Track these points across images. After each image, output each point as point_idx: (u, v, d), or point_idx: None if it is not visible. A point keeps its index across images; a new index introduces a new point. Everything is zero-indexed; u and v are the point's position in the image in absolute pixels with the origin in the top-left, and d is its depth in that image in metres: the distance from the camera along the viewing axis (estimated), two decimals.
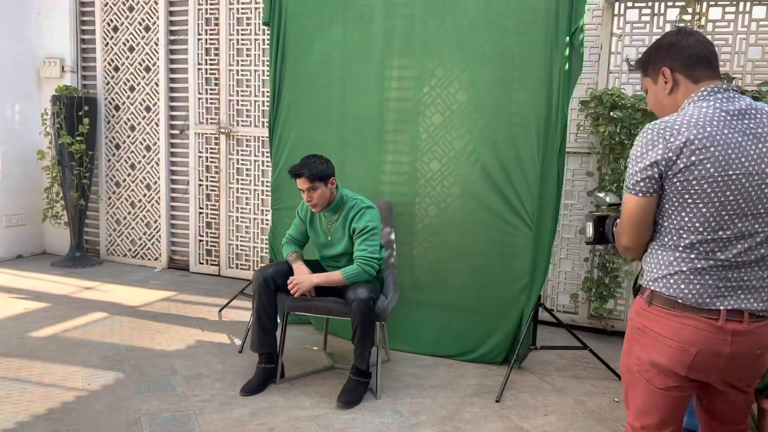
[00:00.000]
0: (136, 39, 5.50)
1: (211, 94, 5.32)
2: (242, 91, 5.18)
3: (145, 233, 5.68)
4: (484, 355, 3.62)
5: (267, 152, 5.01)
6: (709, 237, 1.61)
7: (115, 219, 5.79)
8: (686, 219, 1.62)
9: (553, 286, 4.34)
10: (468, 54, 3.60)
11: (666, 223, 1.66)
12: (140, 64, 5.52)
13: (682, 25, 3.74)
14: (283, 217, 4.09)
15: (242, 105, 5.20)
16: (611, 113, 3.88)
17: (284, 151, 4.05)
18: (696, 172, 1.57)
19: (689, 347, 1.64)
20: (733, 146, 1.58)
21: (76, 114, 5.35)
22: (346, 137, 3.91)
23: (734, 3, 3.80)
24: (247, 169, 5.23)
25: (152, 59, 5.46)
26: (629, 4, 4.01)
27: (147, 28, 5.45)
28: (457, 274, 3.69)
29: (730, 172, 1.57)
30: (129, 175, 5.68)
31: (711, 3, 3.82)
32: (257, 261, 5.27)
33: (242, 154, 5.23)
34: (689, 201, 1.60)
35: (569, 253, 4.29)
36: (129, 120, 5.62)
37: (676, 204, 1.62)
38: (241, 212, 5.29)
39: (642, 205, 1.66)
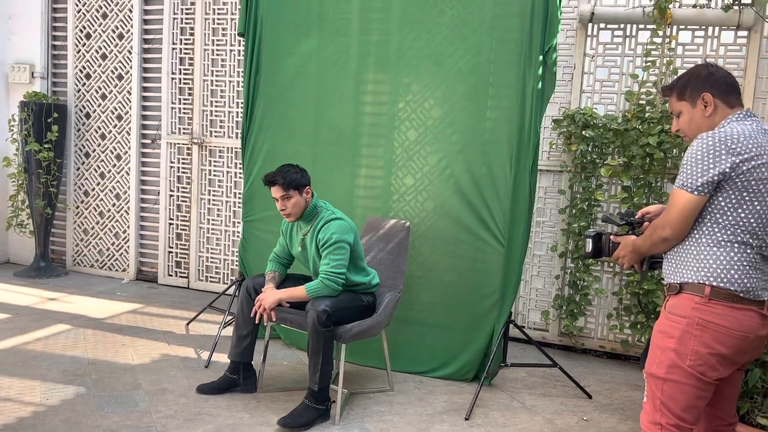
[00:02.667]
0: (109, 46, 5.43)
1: (184, 104, 5.26)
2: (216, 101, 5.13)
3: (113, 244, 5.57)
4: (455, 372, 3.59)
5: (240, 163, 4.96)
6: (760, 232, 1.86)
7: (83, 229, 5.67)
8: (743, 215, 1.85)
9: (525, 302, 4.34)
10: (443, 70, 3.61)
11: (722, 219, 1.87)
12: (113, 72, 5.44)
13: (709, 60, 3.80)
14: (255, 230, 4.04)
15: (216, 115, 5.15)
16: (583, 132, 3.92)
17: (257, 163, 4.01)
18: (756, 173, 1.83)
19: (748, 334, 1.87)
20: None
21: (44, 121, 5.24)
22: (320, 150, 3.89)
23: (703, 27, 3.88)
24: (219, 180, 5.17)
25: (125, 67, 5.38)
26: (602, 25, 4.07)
27: (120, 36, 5.38)
28: (429, 289, 3.67)
29: None
30: (98, 184, 5.57)
31: (681, 27, 3.89)
32: (227, 273, 5.20)
33: (215, 165, 5.17)
34: (747, 198, 1.84)
35: (540, 270, 4.30)
36: (100, 128, 5.53)
37: (734, 201, 1.85)
38: (212, 224, 5.22)
39: (699, 203, 1.87)
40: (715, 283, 1.86)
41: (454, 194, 3.60)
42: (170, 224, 5.38)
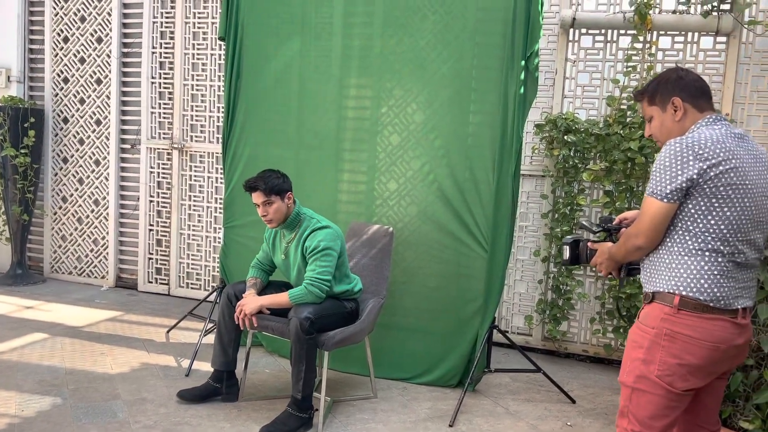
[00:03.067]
0: (88, 50, 5.35)
1: (164, 108, 5.20)
2: (197, 106, 5.08)
3: (92, 250, 5.49)
4: (438, 379, 3.57)
5: (221, 168, 4.90)
6: (731, 239, 1.83)
7: (61, 235, 5.58)
8: (712, 222, 1.82)
9: (508, 307, 4.34)
10: (426, 75, 3.60)
11: (692, 227, 1.84)
12: (91, 77, 5.36)
13: (677, 65, 3.83)
14: (236, 236, 3.99)
15: (196, 120, 5.10)
16: (565, 137, 3.93)
17: (238, 168, 3.96)
18: (724, 179, 1.80)
19: (720, 344, 1.84)
20: (745, 160, 1.85)
21: (21, 126, 5.15)
22: (302, 155, 3.86)
23: (683, 33, 3.91)
24: (200, 186, 5.11)
25: (104, 71, 5.31)
26: (583, 30, 4.08)
27: (99, 40, 5.31)
28: (412, 295, 3.65)
29: (747, 182, 1.83)
30: (77, 190, 5.48)
31: (661, 33, 3.92)
32: (208, 280, 5.14)
33: (195, 170, 5.11)
34: (716, 205, 1.81)
35: (524, 275, 4.30)
36: (78, 133, 5.44)
37: (703, 208, 1.82)
38: (193, 230, 5.16)
39: (669, 210, 1.84)
40: (684, 293, 1.84)
41: (437, 199, 3.59)
42: (150, 230, 5.31)
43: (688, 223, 1.84)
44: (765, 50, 3.81)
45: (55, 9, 5.41)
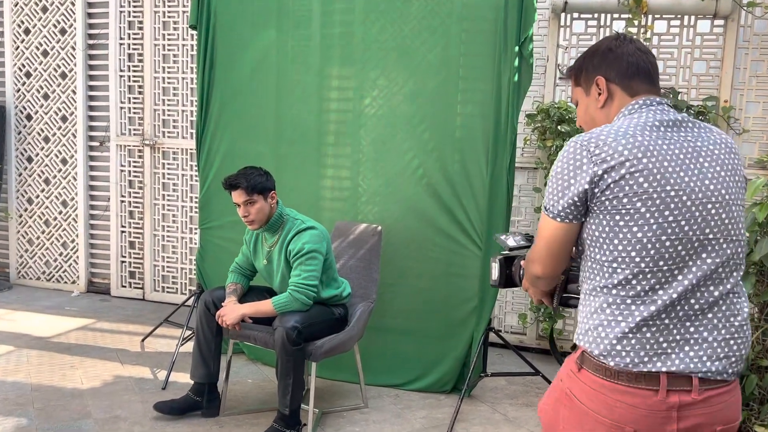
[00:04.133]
0: (51, 43, 5.05)
1: (134, 103, 4.92)
2: (169, 100, 4.81)
3: (61, 254, 5.20)
4: (432, 384, 3.38)
5: (195, 166, 4.66)
6: (647, 269, 1.29)
7: (27, 239, 5.28)
8: (620, 248, 1.30)
9: (501, 306, 4.16)
10: (411, 64, 3.39)
11: (599, 256, 1.34)
12: (55, 70, 5.06)
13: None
14: (213, 237, 3.76)
15: (169, 115, 4.83)
16: (558, 127, 3.75)
17: (213, 165, 3.73)
18: (627, 188, 1.29)
19: (624, 426, 1.31)
20: (669, 158, 1.32)
21: None
22: (282, 151, 3.63)
23: (679, 17, 3.75)
24: (174, 184, 4.85)
25: (69, 65, 5.01)
26: (575, 15, 3.91)
27: (63, 31, 5.01)
28: (402, 296, 3.45)
29: (668, 188, 1.30)
30: (43, 190, 5.19)
31: (656, 16, 3.76)
32: (185, 283, 4.89)
33: (169, 168, 4.85)
34: (621, 224, 1.30)
35: None
36: (43, 131, 5.14)
37: (607, 229, 1.32)
38: (168, 230, 4.90)
39: (567, 231, 1.37)
40: (585, 346, 1.36)
41: (426, 195, 3.39)
42: (122, 232, 5.04)
43: (595, 250, 1.35)
44: (764, 33, 3.67)
45: None
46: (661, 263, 1.30)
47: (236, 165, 3.57)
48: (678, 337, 1.31)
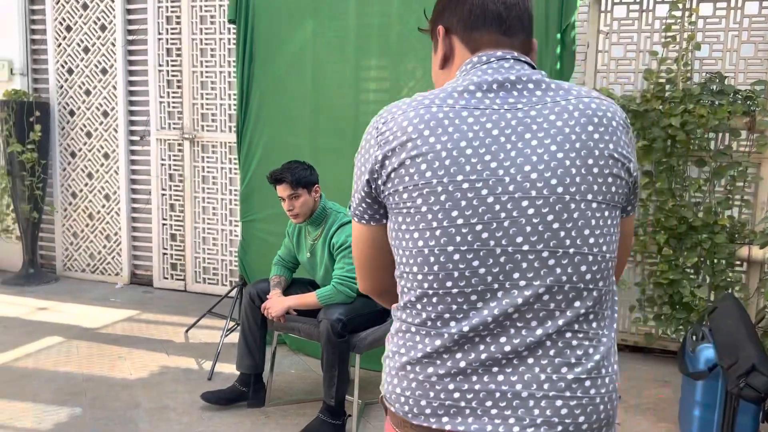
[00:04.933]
0: (92, 39, 5.14)
1: (173, 97, 4.99)
2: (207, 93, 4.87)
3: (104, 247, 5.32)
4: None
5: (234, 159, 4.71)
6: (431, 291, 0.94)
7: (72, 232, 5.41)
8: (404, 260, 0.98)
9: None
10: None
11: (397, 271, 1.02)
12: (96, 66, 5.15)
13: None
14: (255, 230, 3.80)
15: (207, 109, 4.89)
16: None
17: (254, 158, 3.76)
18: (407, 178, 0.94)
19: None
20: (472, 136, 0.93)
21: (26, 120, 4.96)
22: (320, 142, 3.65)
23: None
24: (213, 177, 4.92)
25: (109, 61, 5.10)
26: (616, 0, 3.82)
27: (103, 28, 5.09)
28: None
29: (459, 178, 0.91)
30: (86, 185, 5.31)
31: None
32: (226, 275, 4.96)
33: (208, 161, 4.91)
34: (403, 228, 0.97)
35: None
36: (85, 126, 5.25)
37: (393, 235, 1.00)
38: (208, 223, 4.97)
39: (366, 234, 1.07)
40: (382, 392, 1.06)
41: None
42: (164, 224, 5.13)
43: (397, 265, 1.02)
44: None
45: None
46: (449, 284, 0.92)
47: (276, 158, 3.60)
48: (477, 388, 0.92)
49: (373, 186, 1.00)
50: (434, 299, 0.94)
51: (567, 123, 0.93)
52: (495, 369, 0.92)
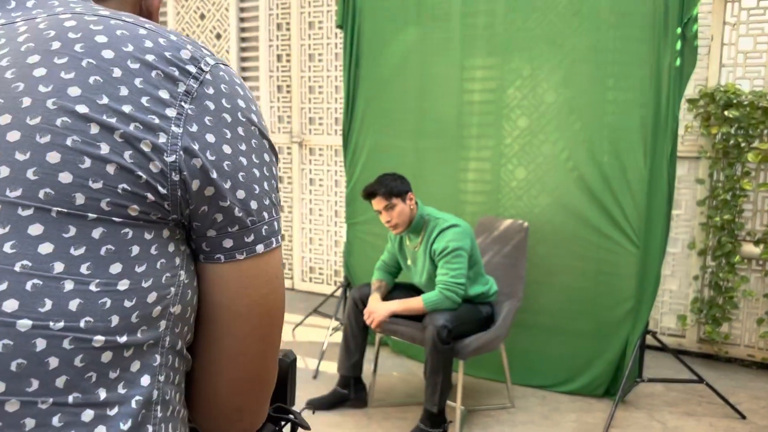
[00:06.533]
0: (208, 47, 5.40)
1: (283, 102, 5.16)
2: (315, 98, 4.99)
3: None
4: (583, 387, 3.24)
5: (340, 161, 4.80)
6: None
7: None
8: None
9: (657, 306, 3.89)
10: (558, 51, 3.24)
11: None
12: None
13: None
14: (359, 233, 3.85)
15: (314, 113, 5.01)
16: (725, 112, 3.42)
17: (359, 161, 3.81)
18: None
19: None
20: None
21: None
22: (423, 145, 3.63)
23: None
24: (320, 180, 5.04)
25: None
26: None
27: (218, 36, 5.35)
28: (550, 295, 3.33)
29: None
30: None
31: None
32: (331, 275, 5.06)
33: (315, 164, 5.04)
34: None
35: (675, 270, 3.83)
36: None
37: None
38: (315, 224, 5.10)
39: None
40: None
41: (576, 188, 3.23)
42: None
43: None
44: None
45: (176, 8, 5.51)
46: None
47: (381, 161, 3.64)
48: None
49: None
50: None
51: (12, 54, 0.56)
52: None
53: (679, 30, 2.88)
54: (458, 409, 2.82)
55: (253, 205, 0.61)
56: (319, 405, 3.06)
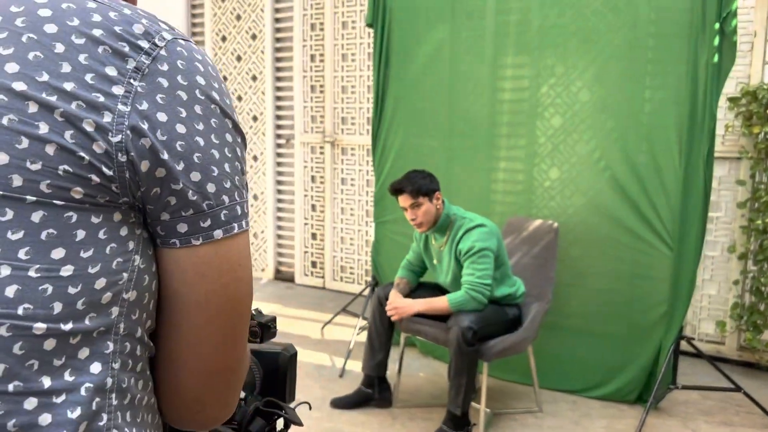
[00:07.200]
0: (243, 48, 5.47)
1: (316, 102, 5.18)
2: (347, 98, 4.99)
3: (252, 243, 5.64)
4: (614, 393, 3.15)
5: (371, 161, 4.79)
6: None
7: None
8: None
9: (695, 311, 3.77)
10: (593, 48, 3.17)
11: None
12: (247, 74, 5.48)
13: None
14: (387, 232, 3.83)
15: (347, 112, 5.02)
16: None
17: (388, 160, 3.79)
18: None
19: None
20: None
21: None
22: (454, 144, 3.60)
23: None
24: (351, 179, 5.04)
25: (259, 68, 5.40)
26: None
27: (254, 37, 5.41)
28: (580, 298, 3.25)
29: None
30: None
31: None
32: (361, 274, 5.06)
33: (346, 164, 5.04)
34: None
35: (714, 274, 3.70)
36: None
37: None
38: (346, 223, 5.11)
39: None
40: None
41: (609, 188, 3.15)
42: (305, 224, 5.34)
43: None
44: None
45: (213, 9, 5.59)
46: None
47: (409, 160, 3.61)
48: None
49: None
50: None
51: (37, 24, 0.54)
52: None
53: (717, 25, 2.78)
54: (483, 412, 2.77)
55: (210, 188, 0.58)
56: (343, 404, 3.06)
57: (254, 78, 5.45)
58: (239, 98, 5.55)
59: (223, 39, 5.58)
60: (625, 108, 3.10)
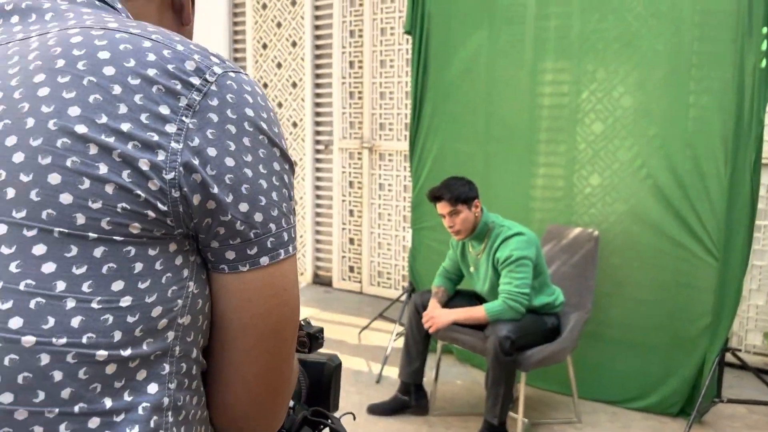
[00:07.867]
0: (284, 55, 5.55)
1: (354, 108, 5.22)
2: (385, 104, 5.02)
3: None
4: (656, 405, 3.09)
5: (408, 167, 4.79)
6: None
7: None
8: None
9: (741, 322, 3.66)
10: (635, 53, 3.12)
11: None
12: (287, 80, 5.56)
13: None
14: (424, 238, 3.83)
15: (385, 118, 5.04)
16: None
17: (425, 166, 3.80)
18: None
19: None
20: None
21: None
22: (492, 150, 3.58)
23: None
24: (389, 185, 5.05)
25: (298, 75, 5.47)
26: None
27: (294, 44, 5.48)
28: (620, 307, 3.20)
29: None
30: None
31: None
32: (398, 279, 5.07)
33: (384, 169, 5.06)
34: None
35: (762, 284, 3.59)
36: None
37: None
38: (383, 229, 5.12)
39: None
40: None
41: (650, 196, 3.09)
42: (343, 229, 5.38)
43: None
44: None
45: (254, 17, 5.68)
46: None
47: (447, 165, 3.61)
48: None
49: None
50: None
51: (21, 71, 0.57)
52: None
53: (765, 29, 2.71)
54: (520, 422, 2.75)
55: (258, 217, 0.61)
56: (379, 410, 3.07)
57: (294, 85, 5.52)
58: (279, 105, 5.63)
59: (264, 46, 5.67)
60: (668, 114, 3.04)
